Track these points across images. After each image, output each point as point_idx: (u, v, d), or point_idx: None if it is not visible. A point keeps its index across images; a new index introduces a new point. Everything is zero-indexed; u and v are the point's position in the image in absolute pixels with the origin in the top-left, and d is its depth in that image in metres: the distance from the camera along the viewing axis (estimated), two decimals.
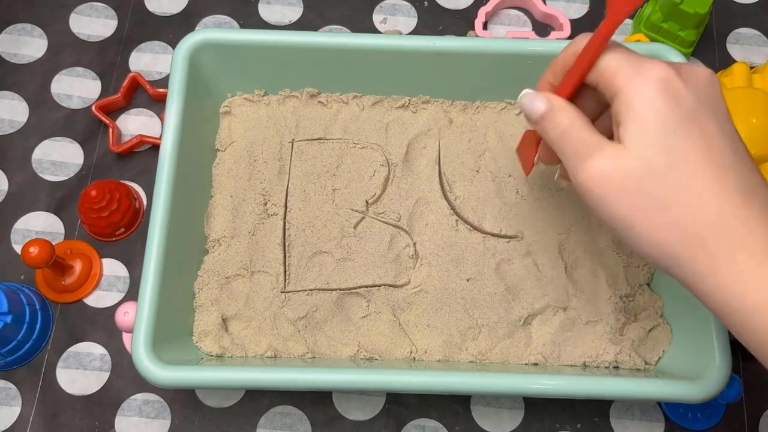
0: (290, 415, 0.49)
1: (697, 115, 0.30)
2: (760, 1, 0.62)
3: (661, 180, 0.29)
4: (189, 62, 0.46)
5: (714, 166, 0.29)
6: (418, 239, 0.48)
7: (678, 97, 0.30)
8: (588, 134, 0.32)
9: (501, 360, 0.45)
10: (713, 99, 0.31)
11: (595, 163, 0.30)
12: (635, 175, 0.29)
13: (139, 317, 0.40)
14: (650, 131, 0.29)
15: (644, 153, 0.29)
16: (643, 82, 0.30)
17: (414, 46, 0.47)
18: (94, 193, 0.50)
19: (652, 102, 0.30)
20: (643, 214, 0.30)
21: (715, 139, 0.30)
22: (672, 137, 0.29)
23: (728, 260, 0.28)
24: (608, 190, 0.30)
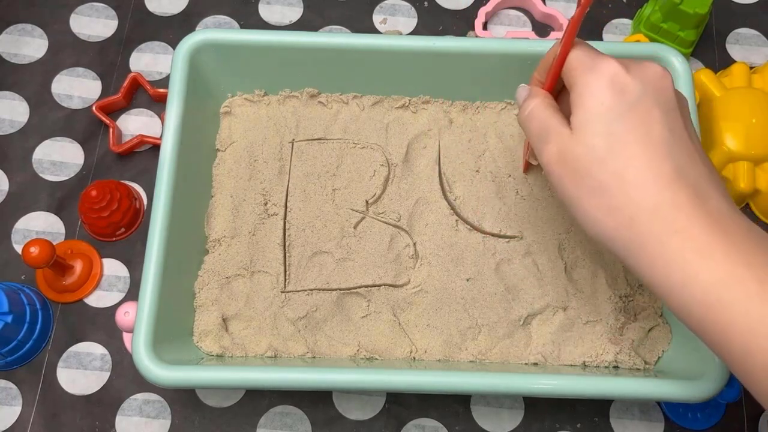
0: (290, 415, 0.49)
1: (641, 105, 0.32)
2: (760, 1, 0.62)
3: (602, 164, 0.32)
4: (189, 62, 0.46)
5: (649, 153, 0.31)
6: (418, 239, 0.48)
7: (624, 90, 0.32)
8: (549, 118, 0.35)
9: (501, 360, 0.45)
10: (660, 90, 0.33)
11: (551, 147, 0.34)
12: (582, 159, 0.32)
13: (139, 317, 0.40)
14: (595, 119, 0.32)
15: (589, 139, 0.32)
16: (593, 76, 0.33)
17: (414, 46, 0.47)
18: (95, 193, 0.50)
19: (599, 94, 0.32)
20: (588, 195, 0.32)
21: (656, 128, 0.32)
22: (614, 125, 0.32)
23: (657, 241, 0.30)
24: (562, 171, 0.33)
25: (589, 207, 0.32)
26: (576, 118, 0.33)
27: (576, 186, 0.33)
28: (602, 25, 0.61)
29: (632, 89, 0.32)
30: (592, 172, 0.32)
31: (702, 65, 0.59)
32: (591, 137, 0.32)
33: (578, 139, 0.32)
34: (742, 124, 0.52)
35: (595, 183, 0.32)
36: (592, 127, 0.32)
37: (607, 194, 0.32)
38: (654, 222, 0.31)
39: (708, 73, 0.55)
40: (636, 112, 0.32)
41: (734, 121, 0.52)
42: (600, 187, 0.32)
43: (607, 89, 0.32)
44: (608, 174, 0.32)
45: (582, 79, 0.33)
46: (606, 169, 0.32)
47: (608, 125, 0.32)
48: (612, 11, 0.61)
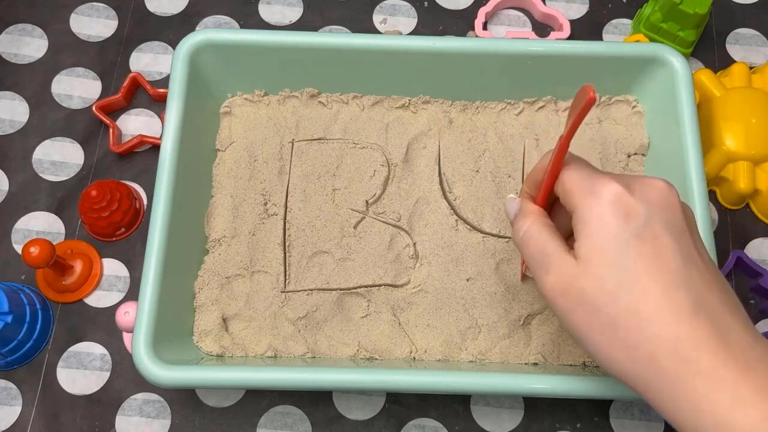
0: (290, 415, 0.49)
1: (649, 230, 0.30)
2: (760, 1, 0.62)
3: (613, 299, 0.30)
4: (189, 62, 0.46)
5: (663, 285, 0.29)
6: (418, 239, 0.48)
7: (629, 213, 0.30)
8: (546, 242, 0.33)
9: (501, 360, 0.45)
10: (667, 211, 0.31)
11: (554, 277, 0.31)
12: (590, 292, 0.30)
13: (139, 317, 0.40)
14: (602, 250, 0.30)
15: (597, 271, 0.30)
16: (594, 200, 0.31)
17: (414, 46, 0.47)
18: (95, 193, 0.50)
19: (604, 220, 0.30)
20: (598, 330, 0.30)
21: (667, 256, 0.30)
22: (623, 256, 0.30)
23: (681, 383, 0.28)
24: (567, 303, 0.31)
25: (602, 343, 0.30)
26: (580, 247, 0.31)
27: (585, 321, 0.31)
28: (602, 25, 0.61)
29: (638, 212, 0.30)
30: (603, 306, 0.30)
31: (702, 65, 0.59)
32: (598, 269, 0.30)
33: (584, 271, 0.30)
34: (742, 124, 0.52)
35: (607, 318, 0.30)
36: (599, 257, 0.30)
37: (622, 330, 0.29)
38: (675, 361, 0.28)
39: (708, 73, 0.55)
40: (644, 240, 0.30)
41: (734, 121, 0.52)
42: (613, 323, 0.30)
43: (611, 215, 0.30)
44: (621, 309, 0.29)
45: (583, 204, 0.31)
46: (618, 304, 0.29)
47: (616, 256, 0.30)
48: (612, 11, 0.61)
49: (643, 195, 0.31)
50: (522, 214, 0.35)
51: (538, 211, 0.35)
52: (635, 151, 0.50)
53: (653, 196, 0.31)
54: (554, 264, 0.32)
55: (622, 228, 0.30)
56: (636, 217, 0.30)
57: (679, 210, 0.31)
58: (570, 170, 0.33)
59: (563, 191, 0.33)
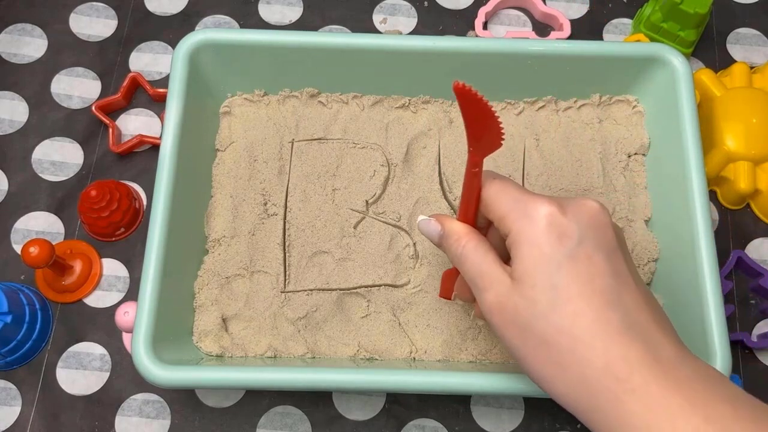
0: (290, 415, 0.49)
1: (582, 251, 0.30)
2: (760, 1, 0.62)
3: (546, 319, 0.30)
4: (189, 62, 0.46)
5: (594, 306, 0.29)
6: (418, 239, 0.48)
7: (562, 234, 0.30)
8: (483, 262, 0.33)
9: (501, 360, 0.45)
10: (599, 231, 0.31)
11: (491, 296, 0.32)
12: (523, 312, 0.31)
13: (139, 317, 0.40)
14: (535, 270, 0.30)
15: (530, 292, 0.30)
16: (528, 222, 0.31)
17: (414, 46, 0.47)
18: (94, 193, 0.50)
19: (537, 242, 0.31)
20: (534, 351, 0.31)
21: (599, 276, 0.30)
22: (555, 276, 0.30)
23: (613, 402, 0.28)
24: (503, 321, 0.32)
25: (535, 362, 0.31)
26: (515, 269, 0.31)
27: (520, 339, 0.31)
28: (602, 25, 0.61)
29: (571, 233, 0.30)
30: (536, 327, 0.30)
31: (702, 65, 0.59)
32: (532, 290, 0.30)
33: (519, 291, 0.31)
34: (742, 124, 0.52)
35: (540, 339, 0.30)
36: (533, 278, 0.30)
37: (555, 351, 0.30)
38: (607, 381, 0.29)
39: (708, 73, 0.55)
40: (577, 261, 0.30)
41: (734, 121, 0.52)
42: (546, 343, 0.30)
43: (545, 237, 0.30)
44: (553, 330, 0.30)
45: (517, 227, 0.31)
46: (550, 325, 0.30)
47: (550, 277, 0.30)
48: (612, 11, 0.61)
49: (576, 216, 0.31)
50: (452, 235, 0.35)
51: (468, 229, 0.35)
52: (635, 150, 0.49)
53: (585, 216, 0.31)
54: (492, 282, 0.32)
55: (555, 249, 0.30)
56: (569, 238, 0.30)
57: (611, 230, 0.32)
58: (498, 194, 0.33)
59: (496, 217, 0.33)
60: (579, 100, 0.51)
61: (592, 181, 0.49)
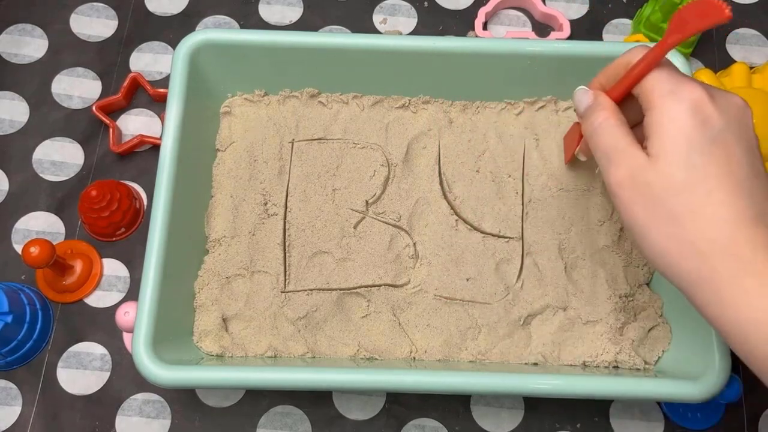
0: (290, 415, 0.49)
1: (723, 140, 0.31)
2: (760, 1, 0.62)
3: (678, 196, 0.31)
4: (189, 62, 0.46)
5: (727, 191, 0.30)
6: (418, 239, 0.48)
7: (706, 120, 0.31)
8: (619, 138, 0.33)
9: (501, 360, 0.45)
10: (742, 126, 0.32)
11: (622, 171, 0.33)
12: (655, 187, 0.31)
13: (139, 317, 0.40)
14: (675, 149, 0.31)
15: (666, 168, 0.31)
16: (675, 102, 0.32)
17: (414, 46, 0.47)
18: (95, 193, 0.50)
19: (681, 122, 0.31)
20: (658, 223, 0.31)
21: (736, 165, 0.31)
22: (694, 157, 0.31)
23: (730, 278, 0.30)
24: (631, 194, 0.32)
25: (658, 236, 0.32)
26: (654, 145, 0.32)
27: (647, 213, 0.32)
28: (602, 25, 0.61)
29: (715, 121, 0.31)
30: (667, 201, 0.31)
31: (702, 65, 0.59)
32: (669, 167, 0.31)
33: (655, 167, 0.31)
34: None
35: (669, 213, 0.31)
36: (672, 156, 0.31)
37: (680, 226, 0.31)
38: (728, 260, 0.30)
39: (708, 73, 0.55)
40: (718, 146, 0.31)
41: None
42: (673, 218, 0.31)
43: (689, 118, 0.31)
44: (684, 206, 0.31)
45: (662, 103, 0.32)
46: (682, 201, 0.31)
47: (689, 156, 0.31)
48: (612, 11, 0.61)
49: (723, 106, 0.32)
50: (598, 106, 0.35)
51: (614, 107, 0.35)
52: None
53: (732, 109, 0.32)
54: (625, 157, 0.33)
55: (698, 131, 0.31)
56: (713, 125, 0.31)
57: (752, 128, 0.32)
58: (657, 71, 0.33)
59: (642, 89, 0.33)
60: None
61: (591, 181, 0.49)
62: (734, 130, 0.31)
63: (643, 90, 0.33)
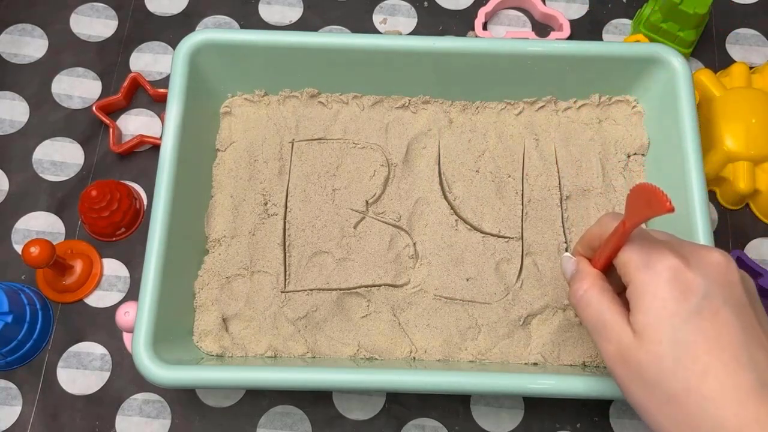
0: (290, 415, 0.49)
1: (708, 306, 0.29)
2: (760, 1, 0.62)
3: (673, 376, 0.29)
4: (189, 62, 0.46)
5: (724, 362, 0.29)
6: (417, 239, 0.48)
7: (687, 289, 0.30)
8: (605, 311, 0.32)
9: (501, 360, 0.45)
10: (726, 286, 0.30)
11: (612, 347, 0.32)
12: (648, 368, 0.30)
13: (139, 317, 0.40)
14: (658, 324, 0.30)
15: (654, 347, 0.30)
16: (650, 275, 0.30)
17: (414, 46, 0.47)
18: (95, 193, 0.50)
19: (660, 296, 0.30)
20: (659, 406, 0.30)
21: (727, 333, 0.29)
22: (681, 332, 0.29)
23: None
24: (626, 374, 0.31)
25: (660, 417, 0.30)
26: (637, 321, 0.30)
27: (644, 393, 0.30)
28: (602, 25, 0.61)
29: (696, 288, 0.29)
30: (662, 382, 0.29)
31: (702, 65, 0.59)
32: (656, 345, 0.30)
33: (642, 346, 0.30)
34: (741, 124, 0.52)
35: (667, 396, 0.29)
36: (657, 333, 0.30)
37: (682, 408, 0.29)
38: None
39: (708, 73, 0.55)
40: (704, 316, 0.29)
41: (734, 121, 0.52)
42: (673, 401, 0.29)
43: (668, 290, 0.30)
44: (681, 388, 0.29)
45: (638, 278, 0.31)
46: (677, 381, 0.29)
47: (674, 332, 0.29)
48: (611, 11, 0.61)
49: (701, 270, 0.30)
50: (579, 274, 0.35)
51: (596, 274, 0.35)
52: (635, 151, 0.50)
53: (711, 271, 0.30)
54: (612, 333, 0.32)
55: (680, 304, 0.29)
56: (694, 292, 0.29)
57: (739, 285, 0.31)
58: (629, 246, 0.32)
59: (618, 262, 0.33)
60: (578, 101, 0.51)
61: (591, 181, 0.49)
62: (718, 293, 0.30)
63: (619, 263, 0.32)
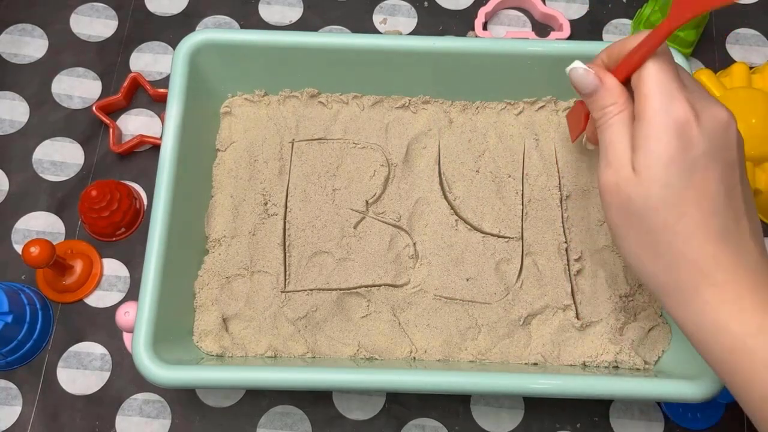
0: (290, 415, 0.49)
1: (703, 164, 0.33)
2: (760, 1, 0.62)
3: (655, 213, 0.33)
4: (189, 62, 0.46)
5: (701, 211, 0.33)
6: (417, 239, 0.48)
7: (690, 143, 0.32)
8: (621, 139, 0.34)
9: (501, 360, 0.45)
10: (724, 144, 0.33)
11: (610, 175, 0.34)
12: (636, 202, 0.33)
13: (139, 317, 0.40)
14: (656, 167, 0.33)
15: (647, 185, 0.33)
16: (664, 119, 0.33)
17: (414, 46, 0.47)
18: (95, 193, 0.50)
19: (665, 144, 0.32)
20: (634, 233, 0.34)
21: (712, 187, 0.33)
22: (674, 178, 0.32)
23: (693, 289, 0.32)
24: (613, 201, 0.34)
25: (633, 243, 0.34)
26: (638, 160, 0.33)
27: (625, 222, 0.34)
28: (602, 25, 0.61)
29: (697, 144, 0.32)
30: (644, 215, 0.33)
31: (702, 65, 0.59)
32: (649, 184, 0.33)
33: (636, 182, 0.33)
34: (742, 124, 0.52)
35: (646, 227, 0.33)
36: (654, 175, 0.33)
37: (654, 238, 0.33)
38: (693, 273, 0.32)
39: (708, 73, 0.55)
40: (698, 170, 0.32)
41: None
42: (648, 230, 0.33)
43: (674, 140, 0.32)
44: (660, 223, 0.33)
45: (653, 118, 0.33)
46: (657, 217, 0.33)
47: (668, 177, 0.32)
48: (612, 11, 0.61)
49: (707, 128, 0.33)
50: (612, 95, 0.35)
51: (628, 98, 0.35)
52: None
53: (716, 130, 0.33)
54: (617, 163, 0.34)
55: (681, 155, 0.32)
56: (695, 148, 0.32)
57: (734, 144, 0.34)
58: (655, 70, 0.34)
59: (640, 92, 0.34)
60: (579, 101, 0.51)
61: (591, 181, 0.49)
62: (714, 153, 0.33)
63: (640, 94, 0.34)
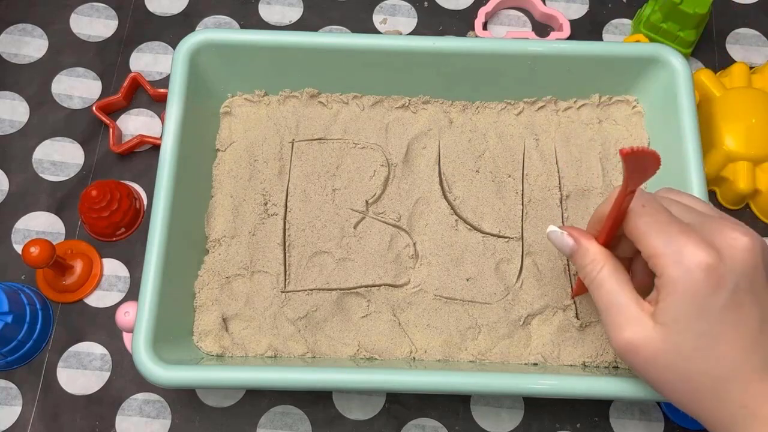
0: (290, 415, 0.49)
1: (734, 299, 0.31)
2: (760, 1, 0.62)
3: (688, 362, 0.31)
4: (189, 62, 0.46)
5: (739, 350, 0.31)
6: (418, 239, 0.48)
7: (718, 285, 0.31)
8: (619, 293, 0.33)
9: (501, 360, 0.45)
10: (751, 275, 0.31)
11: (626, 335, 0.33)
12: (666, 354, 0.32)
13: (139, 317, 0.40)
14: (687, 320, 0.31)
15: (676, 338, 0.31)
16: (683, 271, 0.31)
17: (414, 46, 0.47)
18: (95, 193, 0.50)
19: (692, 292, 0.31)
20: (671, 384, 0.32)
21: (746, 321, 0.31)
22: (706, 325, 0.31)
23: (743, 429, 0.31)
24: (639, 360, 0.33)
25: (673, 392, 0.33)
26: (663, 313, 0.32)
27: (655, 375, 0.33)
28: (602, 25, 0.61)
29: (726, 283, 0.31)
30: (678, 367, 0.32)
31: (702, 65, 0.59)
32: (678, 335, 0.31)
33: (663, 336, 0.32)
34: (742, 124, 0.52)
35: (681, 377, 0.32)
36: (684, 326, 0.31)
37: (693, 386, 0.32)
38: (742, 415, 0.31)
39: (708, 73, 0.55)
40: (729, 308, 0.31)
41: (734, 121, 0.52)
42: (687, 381, 0.32)
43: (701, 287, 0.30)
44: (695, 371, 0.31)
45: (670, 273, 0.31)
46: (693, 366, 0.31)
47: (699, 325, 0.31)
48: (612, 11, 0.61)
49: (732, 261, 0.31)
50: (589, 255, 0.35)
51: (606, 253, 0.35)
52: None
53: (740, 260, 0.31)
54: (629, 320, 0.33)
55: (710, 300, 0.31)
56: (724, 288, 0.31)
57: (761, 270, 0.32)
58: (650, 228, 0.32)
59: (647, 254, 0.33)
60: (579, 101, 0.51)
61: (591, 181, 0.49)
62: (744, 285, 0.31)
63: (647, 254, 0.33)
